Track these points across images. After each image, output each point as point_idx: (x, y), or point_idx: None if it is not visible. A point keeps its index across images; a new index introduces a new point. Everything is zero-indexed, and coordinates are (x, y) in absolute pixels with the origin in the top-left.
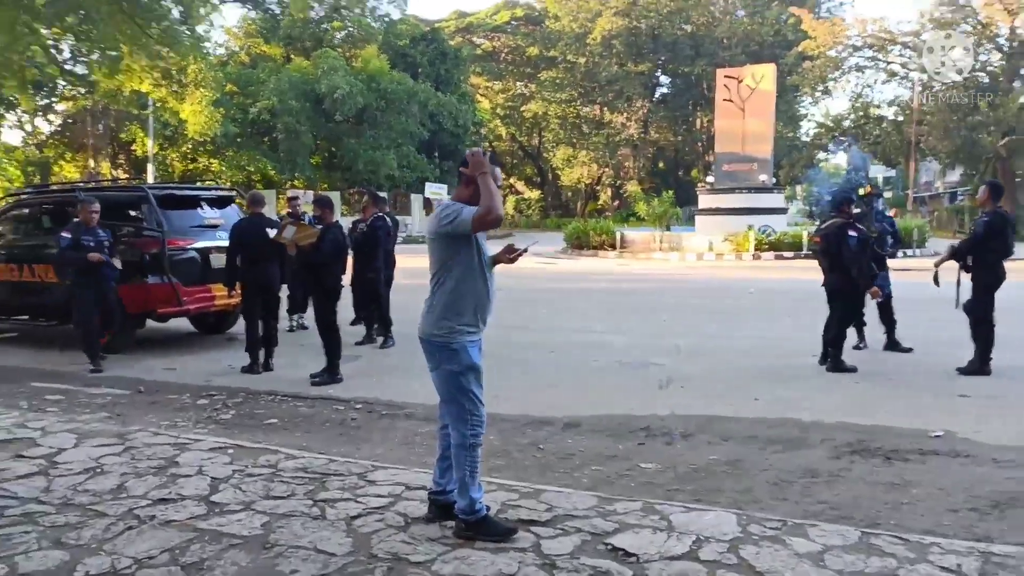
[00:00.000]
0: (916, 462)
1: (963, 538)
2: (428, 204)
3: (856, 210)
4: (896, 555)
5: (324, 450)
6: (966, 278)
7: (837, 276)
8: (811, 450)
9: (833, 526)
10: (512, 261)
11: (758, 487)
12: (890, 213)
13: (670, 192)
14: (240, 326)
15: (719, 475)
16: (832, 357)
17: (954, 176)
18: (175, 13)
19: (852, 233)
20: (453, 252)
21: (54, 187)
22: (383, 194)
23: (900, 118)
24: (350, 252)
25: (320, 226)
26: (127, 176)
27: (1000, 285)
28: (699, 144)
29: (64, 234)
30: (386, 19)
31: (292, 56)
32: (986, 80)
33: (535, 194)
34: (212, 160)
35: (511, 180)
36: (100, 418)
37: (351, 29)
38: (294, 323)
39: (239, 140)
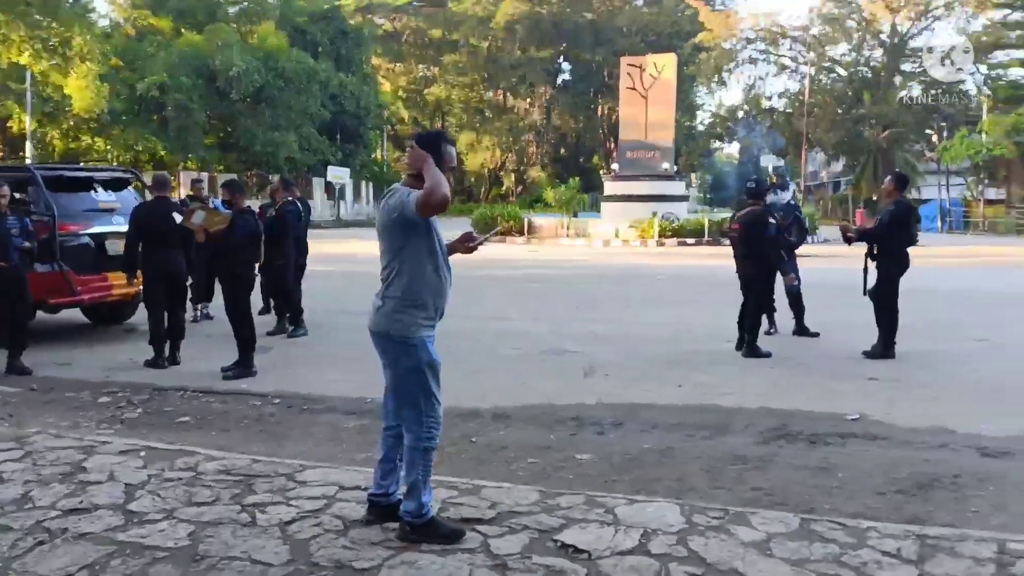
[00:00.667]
0: (837, 445)
1: (896, 521)
2: (330, 187)
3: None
4: (837, 540)
5: (245, 449)
6: (872, 265)
7: (752, 263)
8: (737, 436)
9: (773, 513)
10: (470, 251)
11: (693, 475)
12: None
13: (576, 178)
14: (139, 316)
15: (654, 464)
16: (748, 343)
17: (838, 167)
18: None
19: (772, 220)
20: (405, 241)
21: None
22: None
23: (790, 110)
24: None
25: (230, 211)
26: (2, 154)
27: (904, 272)
28: (600, 131)
29: None
30: None
31: (183, 30)
32: (869, 75)
33: None
34: (97, 139)
35: None
36: None
37: (246, 3)
38: (199, 313)
39: (125, 118)
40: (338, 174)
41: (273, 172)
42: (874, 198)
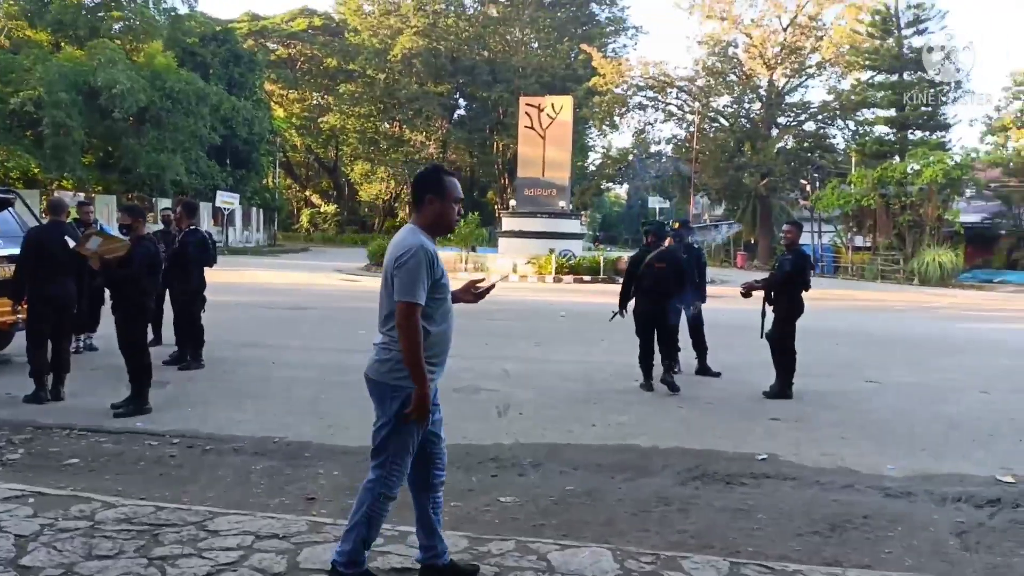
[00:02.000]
0: (752, 486)
1: (817, 563)
2: (219, 213)
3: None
4: None
5: (146, 495)
6: (769, 309)
7: (664, 300)
8: (656, 477)
9: (702, 556)
10: (477, 300)
11: (619, 518)
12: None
13: (476, 214)
14: (13, 347)
15: (579, 507)
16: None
17: (719, 210)
18: None
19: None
20: None
21: None
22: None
23: (677, 155)
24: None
25: (127, 237)
26: None
27: (800, 315)
28: (495, 167)
29: None
30: (172, 13)
31: (62, 44)
32: (749, 126)
33: (331, 208)
34: None
35: (307, 192)
36: None
37: (132, 20)
38: (82, 343)
39: None
40: (228, 199)
41: (158, 195)
42: (752, 241)
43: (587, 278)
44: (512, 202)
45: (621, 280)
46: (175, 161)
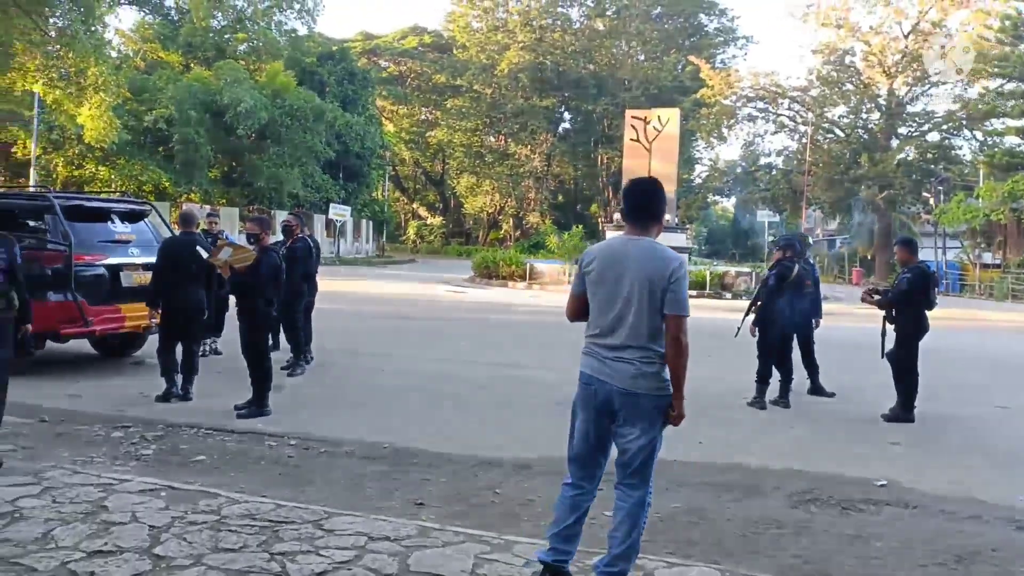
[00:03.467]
0: (870, 513)
1: None
2: (331, 225)
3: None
4: None
5: (267, 493)
6: (891, 328)
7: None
8: (767, 498)
9: None
10: None
11: (728, 539)
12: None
13: (580, 227)
14: (146, 349)
15: (686, 525)
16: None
17: (832, 224)
18: (75, 11)
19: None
20: (662, 304)
21: None
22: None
23: (788, 168)
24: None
25: (255, 247)
26: (4, 179)
27: (923, 335)
28: (599, 179)
29: None
30: (292, 34)
31: (192, 65)
32: (866, 137)
33: (437, 220)
34: (101, 167)
35: (414, 205)
36: (4, 451)
37: (256, 41)
38: (207, 348)
39: (130, 148)
40: (340, 211)
41: (276, 208)
42: (869, 257)
43: (692, 293)
44: (616, 215)
45: (749, 297)
46: (292, 175)
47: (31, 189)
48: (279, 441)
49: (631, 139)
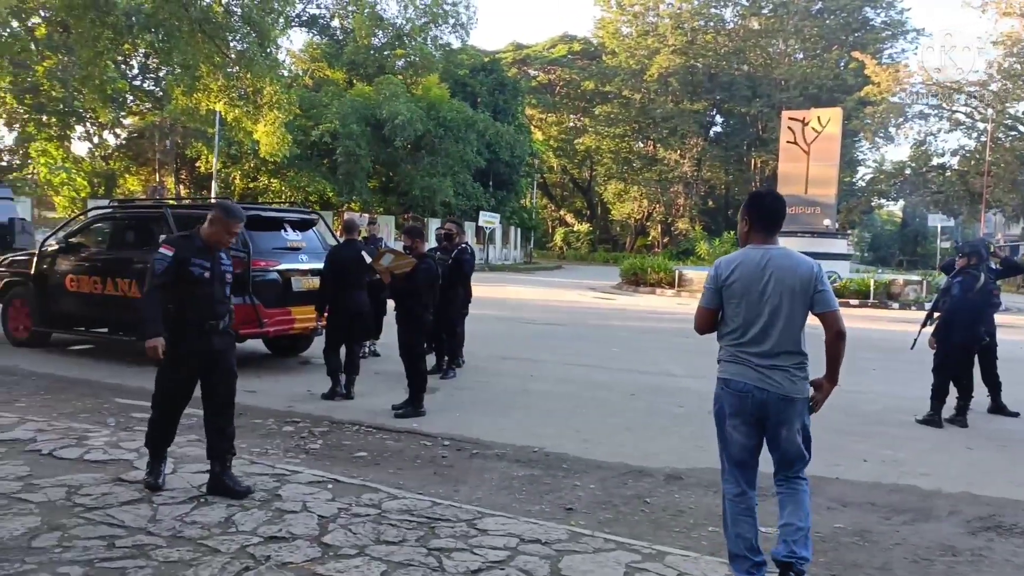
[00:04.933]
0: None
1: None
2: (480, 232)
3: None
4: None
5: (423, 491)
6: None
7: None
8: (941, 523)
9: None
10: None
11: (896, 564)
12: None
13: (732, 233)
14: (312, 350)
15: (850, 546)
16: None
17: (1015, 229)
18: (252, 36)
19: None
20: (806, 312)
21: (140, 201)
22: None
23: (964, 168)
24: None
25: (411, 255)
26: (189, 192)
27: None
28: (752, 184)
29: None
30: (447, 48)
31: (355, 81)
32: None
33: (584, 227)
34: (273, 179)
35: (561, 212)
36: (189, 440)
37: (413, 57)
38: (366, 350)
39: (299, 161)
40: (489, 219)
41: (429, 216)
42: None
43: (854, 302)
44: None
45: (920, 308)
46: (445, 184)
47: (212, 200)
48: (433, 441)
49: (788, 141)
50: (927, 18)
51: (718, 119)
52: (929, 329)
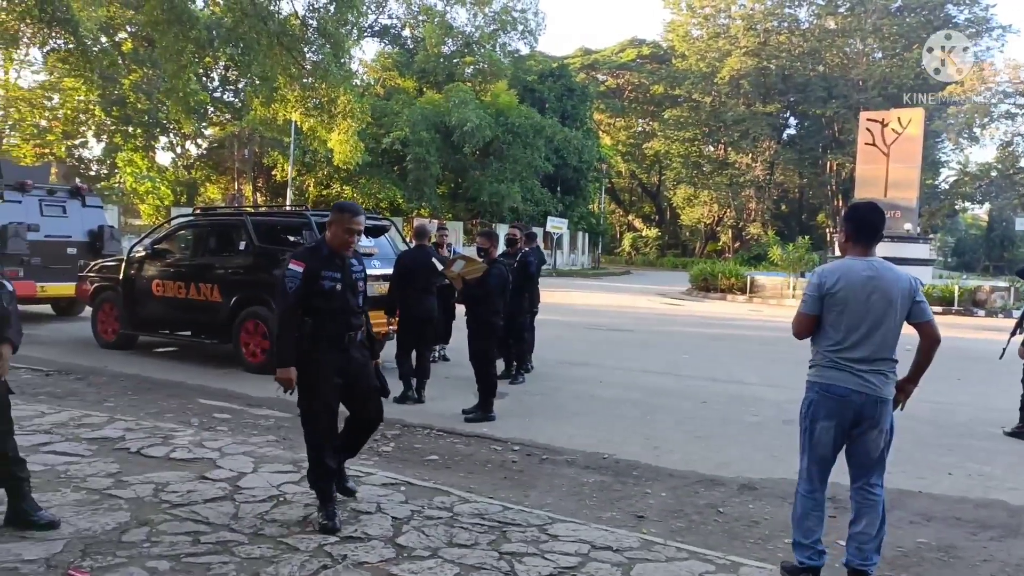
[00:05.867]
0: None
1: None
2: (548, 237)
3: None
4: None
5: (493, 495)
6: None
7: None
8: None
9: None
10: None
11: None
12: None
13: (806, 238)
14: (385, 353)
15: (934, 562)
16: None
17: None
18: (327, 47)
19: None
20: (903, 320)
21: (220, 209)
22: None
23: None
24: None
25: (484, 259)
26: (265, 199)
27: None
28: (828, 188)
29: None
30: (515, 55)
31: (425, 89)
32: None
33: (652, 232)
34: (345, 187)
35: (629, 217)
36: (269, 441)
37: (482, 64)
38: (436, 354)
39: (370, 168)
40: (557, 224)
41: (497, 221)
42: None
43: (938, 309)
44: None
45: (1009, 315)
46: (513, 190)
47: (287, 207)
48: (503, 446)
49: (866, 143)
50: (1014, 14)
51: (792, 121)
52: (1019, 338)
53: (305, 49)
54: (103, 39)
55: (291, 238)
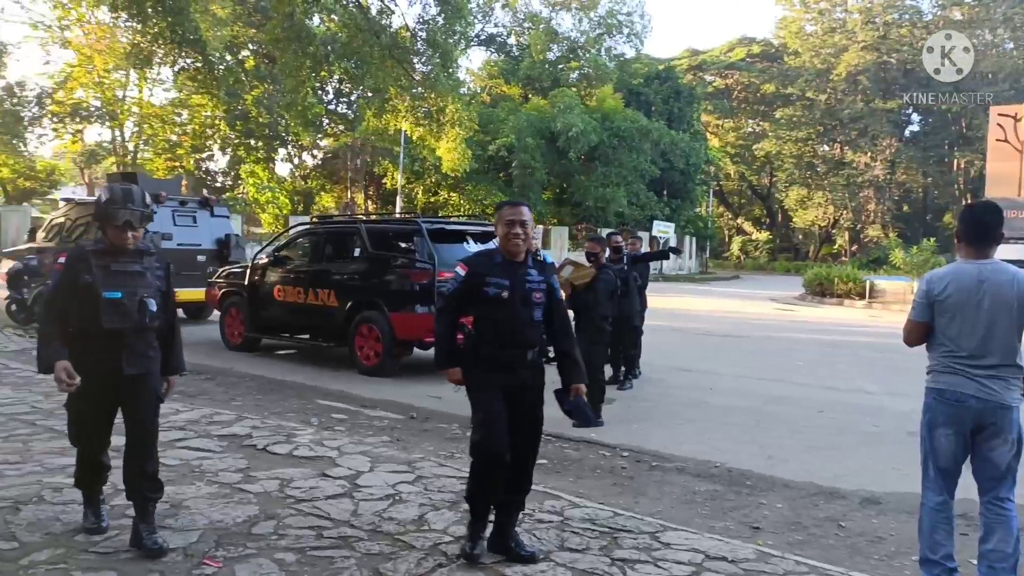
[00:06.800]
0: None
1: None
2: (654, 242)
3: None
4: None
5: (603, 500)
6: None
7: None
8: None
9: None
10: None
11: None
12: None
13: (931, 240)
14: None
15: None
16: None
17: None
18: (436, 58)
19: None
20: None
21: (337, 217)
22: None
23: None
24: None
25: (592, 265)
26: (376, 207)
27: None
28: (955, 187)
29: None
30: (621, 58)
31: (530, 96)
32: None
33: (763, 235)
34: (452, 193)
35: (738, 220)
36: (384, 442)
37: (587, 69)
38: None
39: (477, 175)
40: (663, 228)
41: (602, 226)
42: None
43: None
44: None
45: None
46: (618, 194)
47: (397, 214)
48: (612, 452)
49: (997, 139)
50: None
51: (914, 118)
52: None
53: (415, 60)
54: (228, 58)
55: (403, 244)
